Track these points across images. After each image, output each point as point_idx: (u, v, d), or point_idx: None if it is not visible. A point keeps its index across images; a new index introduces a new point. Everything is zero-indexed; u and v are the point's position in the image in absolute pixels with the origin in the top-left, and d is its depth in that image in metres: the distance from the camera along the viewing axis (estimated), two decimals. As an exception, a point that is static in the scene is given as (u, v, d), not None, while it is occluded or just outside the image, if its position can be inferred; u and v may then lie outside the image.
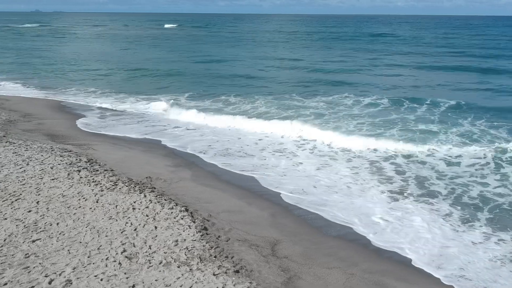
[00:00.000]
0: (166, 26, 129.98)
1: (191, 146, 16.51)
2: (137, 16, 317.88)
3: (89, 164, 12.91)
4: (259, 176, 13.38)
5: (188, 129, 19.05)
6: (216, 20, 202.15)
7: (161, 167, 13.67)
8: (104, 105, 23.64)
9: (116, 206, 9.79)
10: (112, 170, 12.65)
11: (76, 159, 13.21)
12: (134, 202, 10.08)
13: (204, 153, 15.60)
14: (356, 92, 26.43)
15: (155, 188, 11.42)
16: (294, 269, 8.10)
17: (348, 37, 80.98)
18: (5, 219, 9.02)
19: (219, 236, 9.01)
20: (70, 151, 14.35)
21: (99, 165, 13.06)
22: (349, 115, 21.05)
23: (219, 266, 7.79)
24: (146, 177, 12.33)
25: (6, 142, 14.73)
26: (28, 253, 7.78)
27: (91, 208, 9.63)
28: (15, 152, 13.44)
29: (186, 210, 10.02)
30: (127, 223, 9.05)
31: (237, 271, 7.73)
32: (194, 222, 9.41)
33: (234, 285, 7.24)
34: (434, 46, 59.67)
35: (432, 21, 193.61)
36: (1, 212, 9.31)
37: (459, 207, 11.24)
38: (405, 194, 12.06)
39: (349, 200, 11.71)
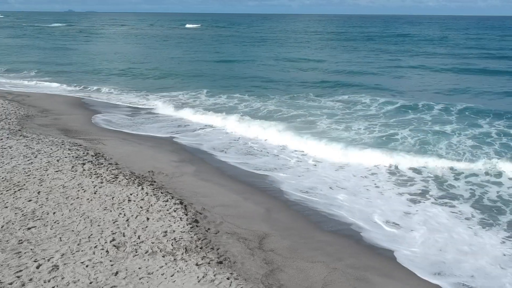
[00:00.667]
0: (188, 26, 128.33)
1: (210, 144, 16.68)
2: (166, 15, 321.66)
3: (95, 158, 13.30)
4: (273, 175, 13.44)
5: (211, 128, 19.08)
6: (243, 20, 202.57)
7: (165, 162, 13.95)
8: (123, 103, 24.17)
9: (113, 197, 10.11)
10: (116, 164, 13.01)
11: (83, 153, 13.63)
12: (131, 194, 10.38)
13: (224, 152, 15.72)
14: (374, 94, 25.89)
15: (154, 182, 11.70)
16: (278, 262, 8.23)
17: (376, 37, 79.97)
18: (6, 207, 9.43)
19: (208, 229, 9.21)
20: (80, 145, 14.79)
21: (105, 159, 13.43)
22: (363, 116, 20.80)
23: (203, 257, 7.99)
24: (149, 171, 12.63)
25: (20, 136, 15.29)
26: (21, 240, 8.14)
27: (88, 199, 9.96)
28: (27, 145, 13.95)
29: (181, 203, 10.26)
30: (120, 214, 9.35)
31: (220, 262, 7.90)
32: (186, 214, 9.64)
33: (214, 275, 7.42)
34: (463, 47, 58.05)
35: (463, 22, 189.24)
36: (3, 200, 9.74)
37: (478, 210, 11.09)
38: (426, 196, 11.95)
39: (362, 200, 11.64)
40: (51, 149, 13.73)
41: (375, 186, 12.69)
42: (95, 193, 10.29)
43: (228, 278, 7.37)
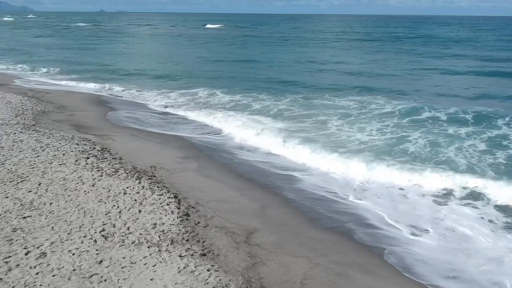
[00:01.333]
0: (208, 26, 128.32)
1: (234, 142, 16.94)
2: (193, 15, 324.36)
3: (101, 153, 13.64)
4: (286, 173, 13.48)
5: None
6: (269, 20, 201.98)
7: (170, 158, 14.19)
8: (141, 101, 24.60)
9: (109, 190, 10.40)
10: (120, 159, 13.32)
11: (90, 147, 14.01)
12: (127, 187, 10.65)
13: (252, 151, 15.87)
14: (391, 96, 25.15)
15: (154, 176, 11.95)
16: (261, 256, 8.33)
17: (403, 38, 78.49)
18: (7, 197, 9.81)
19: (198, 222, 9.38)
20: (89, 140, 15.18)
21: (110, 153, 13.77)
22: (378, 119, 20.13)
23: (188, 249, 8.16)
24: (151, 166, 12.89)
25: (33, 130, 15.78)
26: (16, 228, 8.48)
27: (85, 191, 10.27)
28: (37, 139, 14.40)
29: (175, 197, 10.46)
30: (114, 206, 9.61)
31: (204, 254, 8.06)
32: (178, 208, 9.83)
33: (195, 267, 7.58)
34: (493, 49, 55.76)
35: (495, 22, 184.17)
36: (5, 191, 10.13)
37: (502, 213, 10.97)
38: (451, 199, 11.83)
39: (381, 200, 11.57)
40: (59, 143, 14.15)
41: (398, 189, 12.51)
42: (93, 186, 10.60)
43: (208, 270, 7.52)
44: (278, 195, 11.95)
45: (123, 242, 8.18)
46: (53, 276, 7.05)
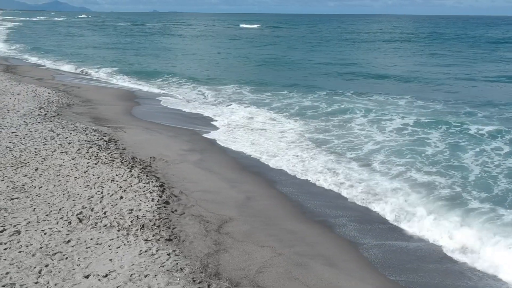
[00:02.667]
0: (242, 25, 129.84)
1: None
2: (242, 16, 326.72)
3: (106, 143, 14.18)
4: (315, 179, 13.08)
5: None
6: (319, 20, 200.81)
7: (174, 150, 14.54)
8: (171, 97, 25.16)
9: (99, 177, 10.84)
10: (123, 149, 13.80)
11: (97, 138, 14.58)
12: (117, 175, 11.06)
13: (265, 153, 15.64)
14: (417, 98, 24.36)
15: (149, 166, 12.33)
16: (227, 244, 8.49)
17: (454, 39, 75.40)
18: (2, 180, 10.44)
19: (175, 210, 9.64)
20: (100, 131, 15.77)
21: (115, 144, 14.28)
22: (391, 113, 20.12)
23: (155, 234, 8.44)
24: (150, 157, 13.28)
25: (51, 121, 16.58)
26: (0, 208, 9.02)
27: (76, 177, 10.76)
28: (50, 130, 15.14)
29: (161, 186, 10.78)
30: (98, 191, 10.03)
31: (170, 240, 8.31)
32: (160, 196, 10.14)
33: (156, 250, 7.84)
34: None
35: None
36: (4, 175, 10.77)
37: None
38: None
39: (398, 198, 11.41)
40: (70, 133, 14.81)
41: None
42: (84, 173, 11.08)
43: (168, 254, 7.75)
44: (272, 188, 12.05)
45: (95, 225, 8.56)
46: (19, 252, 7.50)
